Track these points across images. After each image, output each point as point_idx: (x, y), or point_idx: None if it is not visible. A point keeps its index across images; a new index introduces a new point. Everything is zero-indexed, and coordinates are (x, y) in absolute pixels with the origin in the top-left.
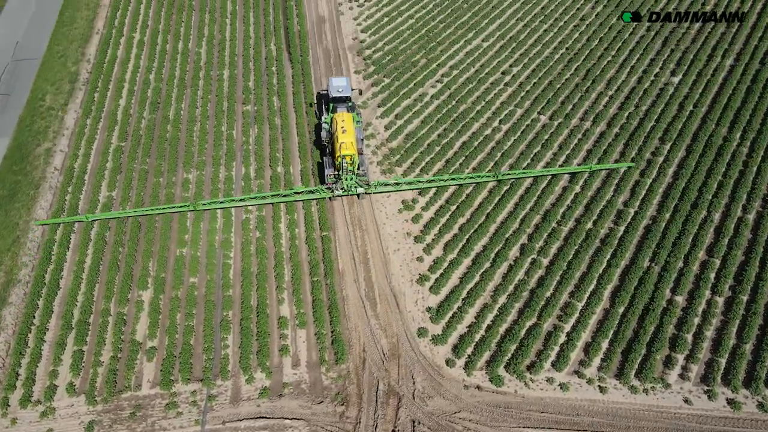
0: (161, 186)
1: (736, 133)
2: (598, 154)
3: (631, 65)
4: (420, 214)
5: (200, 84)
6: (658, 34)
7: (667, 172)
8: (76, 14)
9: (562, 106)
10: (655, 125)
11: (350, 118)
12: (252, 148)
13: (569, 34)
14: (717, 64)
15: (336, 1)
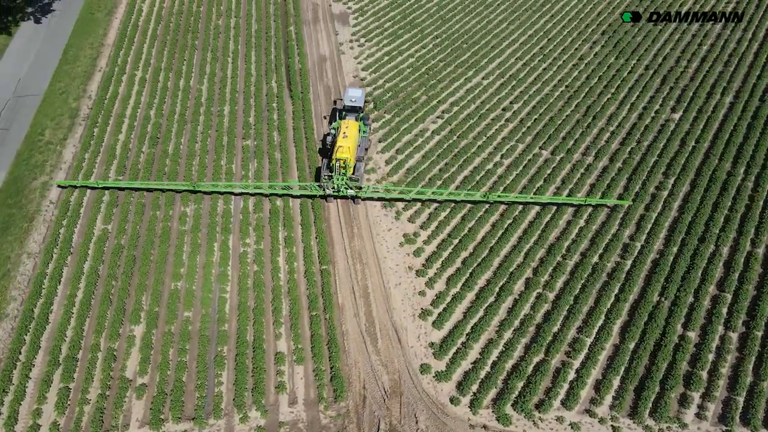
0: (158, 219)
1: (740, 168)
2: (601, 188)
3: (631, 102)
4: (422, 248)
5: (200, 119)
6: (656, 73)
7: (672, 206)
8: (79, 53)
9: (563, 141)
10: (657, 160)
11: (355, 126)
12: (251, 180)
13: (568, 72)
14: (717, 101)
15: (337, 41)
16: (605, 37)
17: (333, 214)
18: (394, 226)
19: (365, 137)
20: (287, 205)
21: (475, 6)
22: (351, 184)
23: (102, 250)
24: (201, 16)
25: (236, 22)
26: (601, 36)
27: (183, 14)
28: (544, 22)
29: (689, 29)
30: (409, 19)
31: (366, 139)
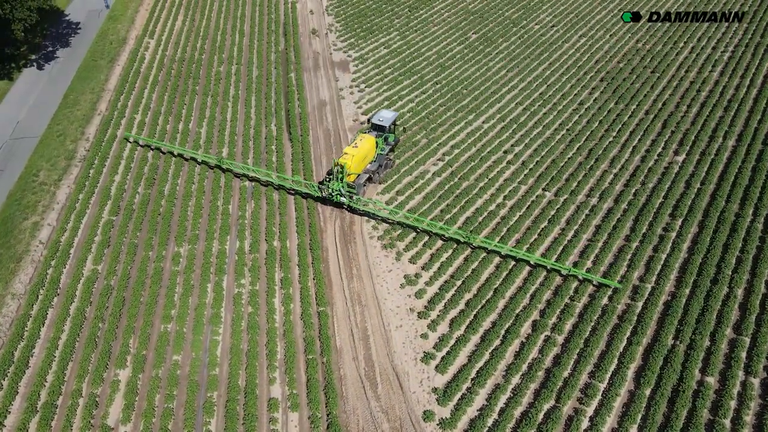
0: (150, 260)
1: (749, 209)
2: (607, 229)
3: (633, 145)
4: (423, 289)
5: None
6: (657, 117)
7: (681, 248)
8: (80, 97)
9: (566, 183)
10: (663, 201)
11: (371, 141)
12: (248, 223)
13: (569, 117)
14: (719, 144)
15: (337, 86)
16: (604, 83)
17: (332, 255)
18: (394, 267)
19: (382, 154)
20: (284, 246)
21: (474, 54)
22: (345, 192)
23: (90, 291)
24: (203, 63)
25: (237, 68)
26: (600, 83)
27: (185, 61)
28: (542, 69)
29: (687, 76)
30: (408, 66)
31: (383, 156)
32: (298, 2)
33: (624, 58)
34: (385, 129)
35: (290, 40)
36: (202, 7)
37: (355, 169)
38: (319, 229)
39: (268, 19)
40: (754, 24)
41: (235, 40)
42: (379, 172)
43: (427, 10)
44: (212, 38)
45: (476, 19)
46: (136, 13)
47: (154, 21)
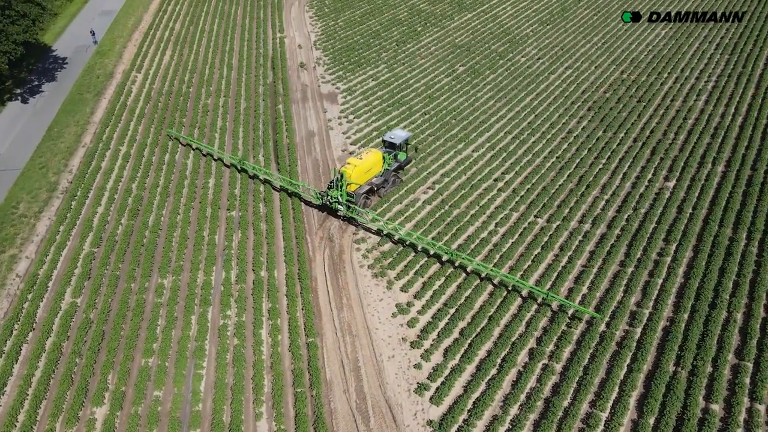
0: (132, 292)
1: (742, 233)
2: (601, 255)
3: (623, 172)
4: (416, 318)
5: (184, 192)
6: (645, 145)
7: (677, 272)
8: (64, 130)
9: (558, 210)
10: (656, 227)
11: (377, 155)
12: (234, 253)
13: (558, 145)
14: (708, 170)
15: (326, 117)
16: (591, 113)
17: (321, 285)
18: (385, 296)
19: (389, 170)
20: (272, 276)
21: (461, 86)
22: (343, 201)
23: (68, 326)
24: (190, 96)
25: (225, 101)
26: (588, 112)
27: (172, 94)
28: (530, 99)
29: (672, 105)
30: (397, 97)
31: (390, 172)
32: (287, 37)
33: (610, 89)
34: (396, 146)
35: (278, 73)
36: (190, 42)
37: (357, 179)
38: (307, 259)
39: (256, 54)
40: (735, 55)
41: (223, 73)
42: (385, 186)
43: (414, 43)
44: (200, 72)
45: (463, 53)
46: (124, 49)
47: (142, 56)
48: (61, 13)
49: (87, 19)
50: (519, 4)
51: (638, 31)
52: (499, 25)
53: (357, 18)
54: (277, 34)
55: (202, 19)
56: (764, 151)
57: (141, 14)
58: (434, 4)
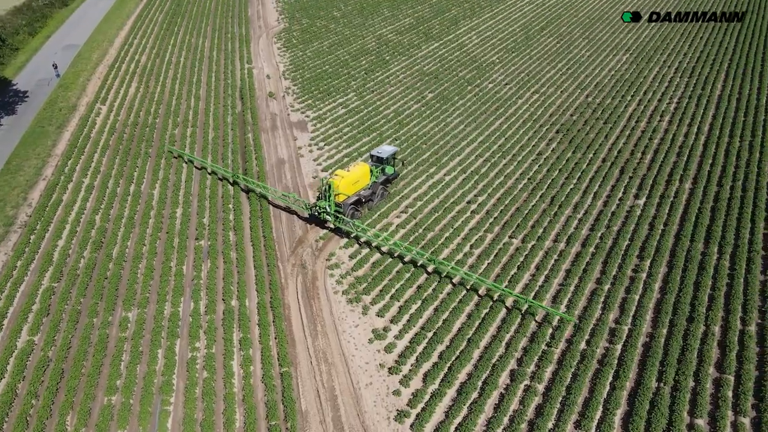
0: (94, 327)
1: (713, 248)
2: (577, 273)
3: (594, 191)
4: (393, 343)
5: (150, 222)
6: (614, 165)
7: (653, 287)
8: (23, 163)
9: (532, 230)
10: (630, 243)
11: (365, 168)
12: (203, 283)
13: (529, 166)
14: (677, 187)
15: (296, 145)
16: (560, 135)
17: (294, 312)
18: (361, 322)
19: (377, 183)
20: (243, 305)
21: (431, 112)
22: (331, 211)
23: (24, 365)
24: (156, 127)
25: (193, 131)
26: (556, 134)
27: (138, 125)
28: (499, 123)
29: (638, 126)
30: (367, 124)
31: (378, 185)
32: (255, 68)
33: (576, 112)
34: (383, 160)
35: (247, 103)
36: (156, 75)
37: (344, 190)
38: (280, 286)
39: (224, 84)
40: (694, 78)
41: (190, 104)
42: (373, 199)
43: (382, 72)
44: (167, 103)
45: (431, 80)
46: (88, 82)
47: (107, 88)
48: (22, 48)
49: (49, 54)
50: (484, 34)
51: (600, 57)
52: (466, 53)
53: (325, 48)
54: (245, 65)
55: (168, 51)
56: (728, 167)
57: (106, 48)
58: (401, 35)
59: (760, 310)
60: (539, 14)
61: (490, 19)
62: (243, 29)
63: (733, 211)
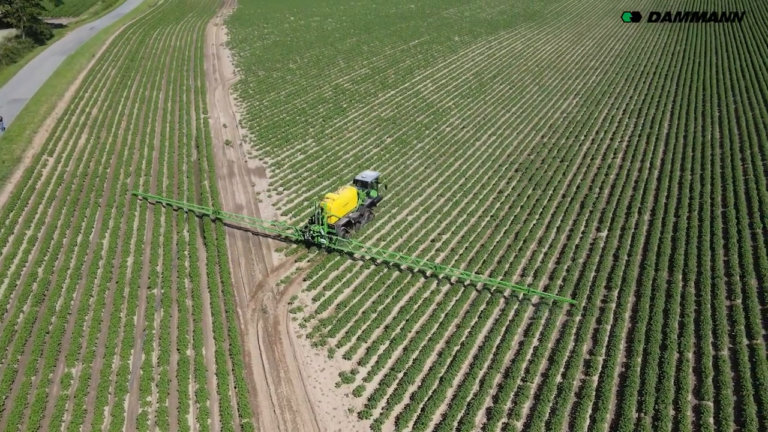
0: (32, 386)
1: (677, 275)
2: (547, 305)
3: (557, 226)
4: (362, 386)
5: (98, 272)
6: (574, 200)
7: (624, 317)
8: None
9: (499, 266)
10: (596, 275)
11: (353, 191)
12: (156, 333)
13: (491, 204)
14: (636, 219)
15: (254, 190)
16: (519, 173)
17: (255, 359)
18: (327, 366)
19: (363, 205)
20: (199, 354)
21: (390, 155)
22: (325, 234)
23: None
24: (107, 177)
25: (146, 179)
26: (515, 173)
27: (87, 176)
28: (459, 164)
29: (593, 163)
30: (326, 168)
31: (364, 208)
32: (211, 118)
33: (533, 151)
34: (367, 185)
35: (203, 151)
36: (108, 126)
37: (336, 212)
38: (239, 333)
39: (179, 134)
40: (642, 118)
41: (143, 153)
42: (360, 221)
43: (340, 119)
44: (119, 153)
45: (389, 125)
46: (34, 134)
47: (55, 140)
48: None
49: None
50: (439, 81)
51: (552, 101)
52: (422, 99)
53: (282, 98)
54: (201, 115)
55: (121, 104)
56: (683, 199)
57: (55, 101)
58: (358, 84)
59: (730, 334)
60: (490, 63)
61: (444, 68)
62: (199, 82)
63: (692, 239)
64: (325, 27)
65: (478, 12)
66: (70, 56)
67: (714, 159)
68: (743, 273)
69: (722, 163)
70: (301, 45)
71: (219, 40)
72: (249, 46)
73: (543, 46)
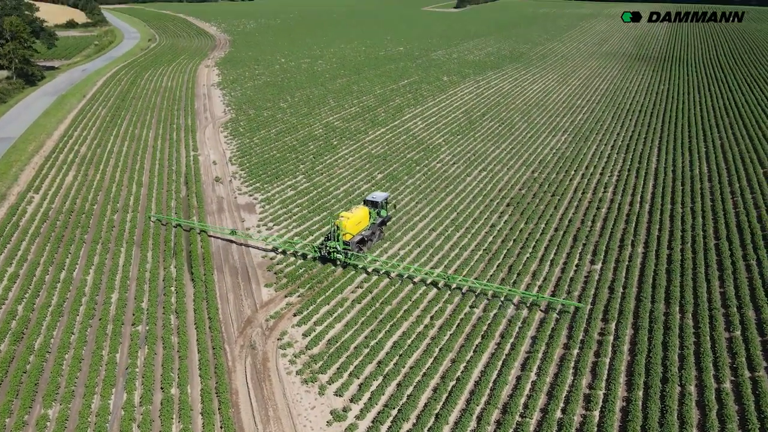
0: (6, 428)
1: (674, 307)
2: (543, 339)
3: (550, 259)
4: (355, 424)
5: (81, 309)
6: (566, 233)
7: (622, 350)
8: None
9: (493, 299)
10: (592, 308)
11: (364, 211)
12: (139, 371)
13: (483, 238)
14: (630, 252)
15: (244, 226)
16: (510, 208)
17: (243, 398)
18: (318, 403)
19: (375, 224)
20: (184, 393)
21: (383, 190)
22: (341, 249)
23: None
24: (94, 213)
25: (133, 216)
26: (507, 207)
27: (73, 213)
28: (450, 199)
29: (584, 197)
30: (317, 204)
31: (375, 226)
32: (201, 155)
33: (524, 186)
34: (377, 205)
35: (192, 188)
36: (96, 163)
37: (350, 230)
38: (226, 370)
39: (169, 171)
40: (630, 153)
41: (132, 190)
42: (372, 238)
43: (331, 155)
44: (106, 190)
45: (380, 161)
46: (21, 172)
47: (42, 177)
48: None
49: None
50: (429, 119)
51: (541, 138)
52: (412, 136)
53: (272, 136)
54: (191, 153)
55: (110, 142)
56: (675, 231)
57: (43, 140)
58: (348, 122)
59: (732, 366)
60: (479, 102)
61: (433, 106)
62: (189, 120)
63: (687, 271)
64: (315, 68)
65: (465, 54)
66: (61, 96)
67: (703, 192)
68: (740, 304)
69: (712, 196)
70: (291, 85)
71: (210, 81)
72: (240, 86)
73: (530, 85)
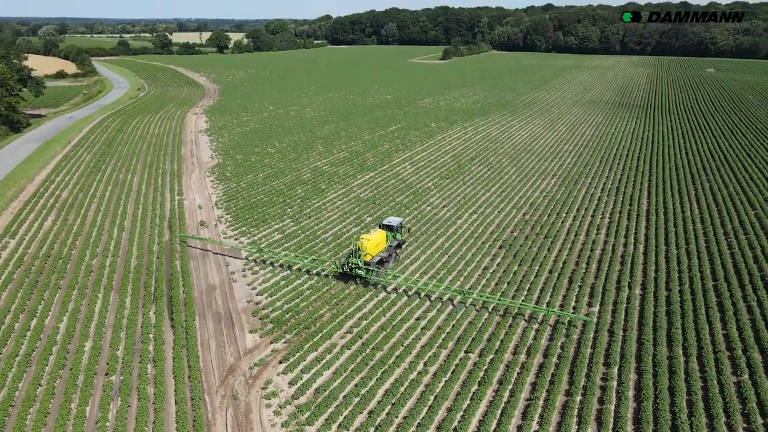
0: None
1: (678, 350)
2: (544, 385)
3: (546, 301)
4: None
5: (51, 359)
6: (561, 275)
7: (627, 396)
8: None
9: (489, 343)
10: (593, 351)
11: (383, 234)
12: (110, 426)
13: (476, 281)
14: (627, 293)
15: (228, 270)
16: (503, 250)
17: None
18: None
19: (391, 246)
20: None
21: None
22: (362, 266)
23: None
24: (71, 259)
25: (113, 260)
26: (499, 250)
27: (50, 257)
28: (441, 242)
29: (577, 239)
30: (305, 247)
31: (392, 248)
32: (186, 199)
33: (516, 228)
34: (393, 228)
35: (176, 232)
36: (78, 207)
37: (370, 250)
38: (206, 423)
39: (152, 215)
40: (620, 195)
41: (113, 234)
42: (389, 260)
43: (319, 199)
44: (86, 234)
45: (369, 205)
46: None
47: (19, 222)
48: None
49: None
50: (418, 164)
51: (530, 181)
52: (401, 180)
53: (260, 180)
54: (175, 197)
55: (93, 186)
56: (672, 272)
57: (24, 185)
58: (336, 166)
59: (743, 413)
60: (468, 146)
61: (422, 151)
62: (175, 165)
63: (687, 313)
64: (303, 115)
65: (452, 102)
66: (46, 142)
67: (697, 233)
68: (745, 347)
69: (705, 238)
70: (279, 131)
71: (198, 127)
72: (228, 132)
73: (517, 131)
